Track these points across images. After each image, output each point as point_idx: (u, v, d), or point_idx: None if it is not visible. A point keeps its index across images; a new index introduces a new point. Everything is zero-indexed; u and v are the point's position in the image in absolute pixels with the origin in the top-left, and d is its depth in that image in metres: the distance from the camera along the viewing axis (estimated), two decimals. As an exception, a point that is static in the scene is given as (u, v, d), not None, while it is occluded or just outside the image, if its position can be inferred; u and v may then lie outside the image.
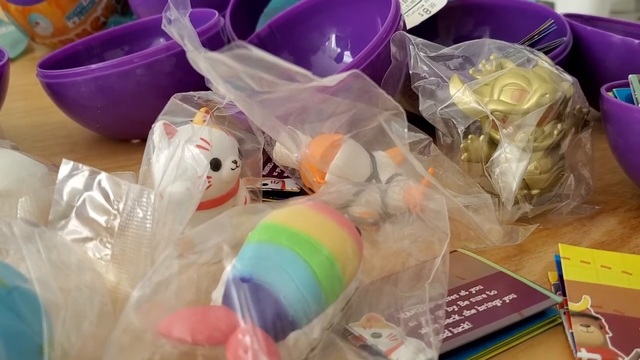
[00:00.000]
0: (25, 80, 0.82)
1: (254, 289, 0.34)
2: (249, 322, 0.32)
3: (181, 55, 0.63)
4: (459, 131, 0.52)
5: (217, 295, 0.35)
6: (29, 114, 0.79)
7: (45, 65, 0.69)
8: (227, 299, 0.34)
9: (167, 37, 0.75)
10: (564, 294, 0.43)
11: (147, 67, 0.63)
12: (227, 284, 0.34)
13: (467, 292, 0.42)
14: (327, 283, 0.35)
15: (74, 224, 0.41)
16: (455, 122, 0.52)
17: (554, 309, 0.42)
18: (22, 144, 0.61)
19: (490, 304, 0.41)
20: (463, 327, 0.39)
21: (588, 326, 0.40)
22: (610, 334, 0.39)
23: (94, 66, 0.63)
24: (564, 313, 0.42)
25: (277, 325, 0.33)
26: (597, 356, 0.38)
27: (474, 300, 0.41)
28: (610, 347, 0.39)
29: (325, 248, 0.36)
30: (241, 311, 0.32)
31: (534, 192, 0.52)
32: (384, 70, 0.58)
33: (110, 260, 0.39)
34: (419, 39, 0.56)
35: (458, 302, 0.41)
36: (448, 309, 0.40)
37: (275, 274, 0.35)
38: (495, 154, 0.51)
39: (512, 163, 0.51)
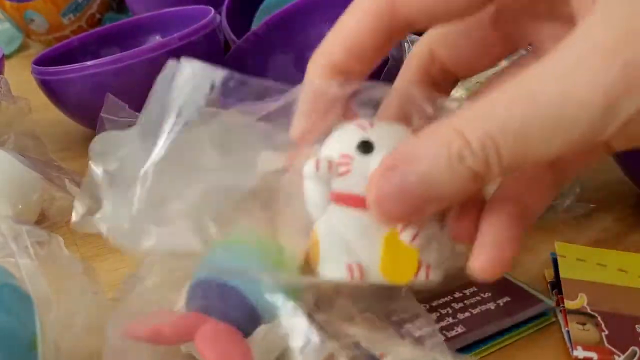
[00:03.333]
0: (20, 77, 0.82)
1: (215, 287, 0.33)
2: (215, 318, 0.32)
3: (177, 52, 0.63)
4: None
5: (180, 304, 0.35)
6: (24, 111, 0.79)
7: (40, 62, 0.69)
8: (190, 301, 0.33)
9: (163, 34, 0.75)
10: (560, 292, 0.43)
11: (142, 64, 0.63)
12: (188, 290, 0.34)
13: (461, 294, 0.42)
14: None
15: None
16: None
17: (547, 311, 0.42)
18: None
19: (483, 307, 0.41)
20: (457, 331, 0.39)
21: (584, 324, 0.40)
22: (606, 332, 0.40)
23: (89, 63, 0.63)
24: (560, 311, 0.42)
25: (242, 320, 0.33)
26: (593, 354, 0.38)
27: (468, 303, 0.41)
28: (606, 345, 0.39)
29: (277, 240, 0.35)
30: (205, 310, 0.32)
31: (530, 189, 0.52)
32: (381, 68, 0.58)
33: None
34: (413, 36, 0.56)
35: (452, 304, 0.41)
36: (442, 311, 0.40)
37: (234, 272, 0.34)
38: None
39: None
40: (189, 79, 0.36)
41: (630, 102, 0.24)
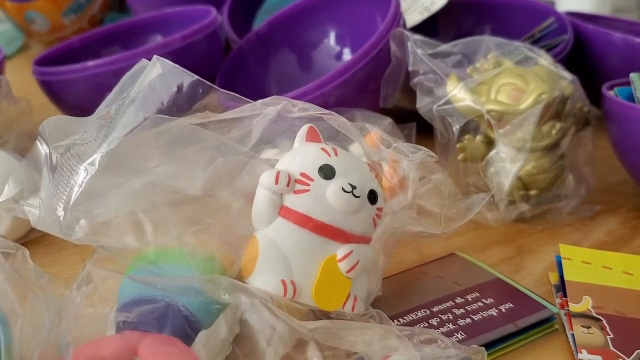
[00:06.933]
0: (21, 77, 0.81)
1: (145, 304, 0.33)
2: (151, 333, 0.31)
3: (179, 52, 0.63)
4: (454, 130, 0.51)
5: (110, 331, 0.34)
6: (25, 112, 0.79)
7: (41, 62, 0.69)
8: (122, 323, 0.33)
9: (165, 34, 0.75)
10: (565, 295, 0.43)
11: (144, 65, 0.62)
12: (117, 313, 0.33)
13: (463, 300, 0.41)
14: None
15: None
16: (450, 120, 0.51)
17: (551, 318, 0.41)
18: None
19: (485, 313, 0.40)
20: (457, 338, 0.38)
21: (589, 327, 0.40)
22: (612, 335, 0.39)
23: (90, 63, 0.63)
24: (565, 314, 0.42)
25: (179, 330, 0.32)
26: (598, 358, 0.38)
27: (469, 309, 0.41)
28: (611, 348, 0.38)
29: (196, 249, 0.35)
30: (140, 327, 0.31)
31: (532, 192, 0.52)
32: (384, 68, 0.57)
33: None
34: (417, 36, 0.56)
35: (453, 310, 0.40)
36: (442, 317, 0.40)
37: (160, 287, 0.33)
38: (491, 154, 0.51)
39: (506, 163, 0.50)
40: (156, 77, 0.36)
41: None
